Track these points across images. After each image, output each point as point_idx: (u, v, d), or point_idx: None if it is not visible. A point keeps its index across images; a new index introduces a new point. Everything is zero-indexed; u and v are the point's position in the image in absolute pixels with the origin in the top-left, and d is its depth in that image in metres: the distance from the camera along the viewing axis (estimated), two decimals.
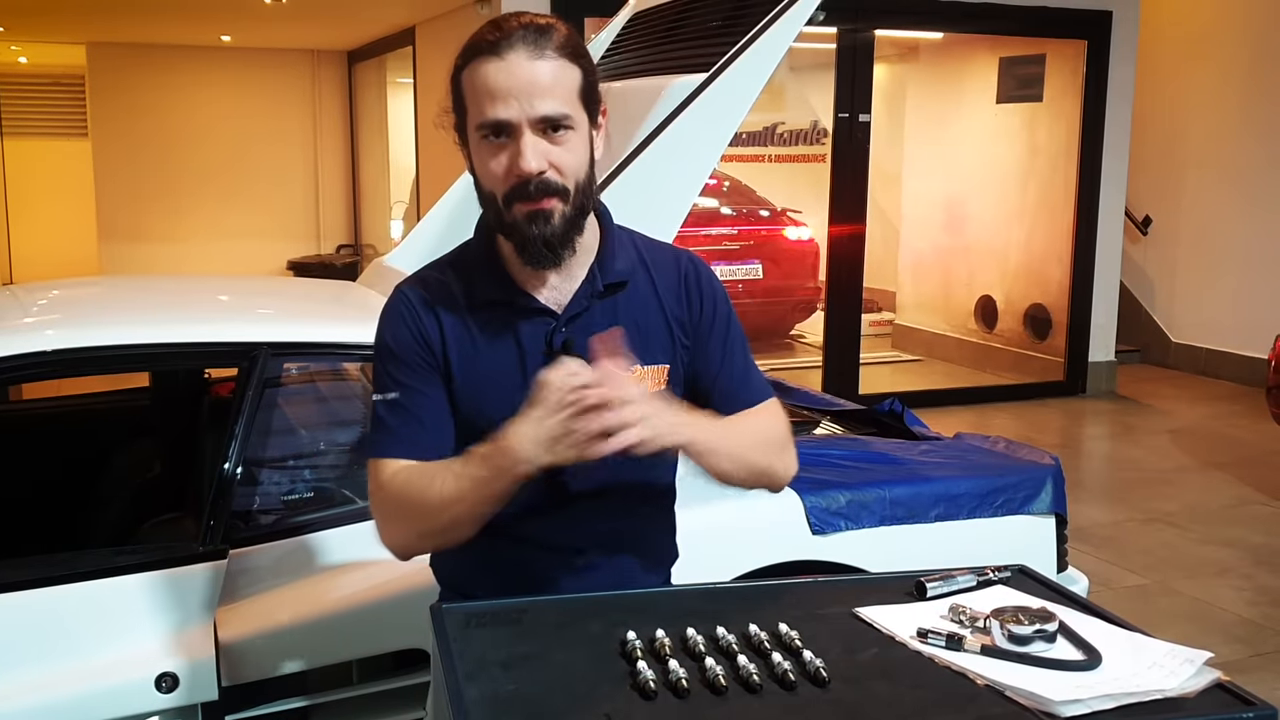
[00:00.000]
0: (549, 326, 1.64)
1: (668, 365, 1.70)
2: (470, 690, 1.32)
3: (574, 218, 1.58)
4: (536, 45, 1.53)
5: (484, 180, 1.59)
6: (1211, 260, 8.59)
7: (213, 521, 2.31)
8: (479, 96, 1.54)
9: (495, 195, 1.57)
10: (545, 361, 1.60)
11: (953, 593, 1.58)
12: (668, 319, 1.71)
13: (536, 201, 1.54)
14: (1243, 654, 3.90)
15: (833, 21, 6.99)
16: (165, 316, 2.78)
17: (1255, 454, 6.42)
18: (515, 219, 1.56)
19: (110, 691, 2.15)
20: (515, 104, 1.51)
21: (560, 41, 1.55)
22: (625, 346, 1.55)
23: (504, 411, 1.59)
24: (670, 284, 1.72)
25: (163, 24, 9.74)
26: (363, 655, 2.37)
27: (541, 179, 1.53)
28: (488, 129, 1.54)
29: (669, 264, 1.74)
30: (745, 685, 1.33)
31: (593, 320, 1.64)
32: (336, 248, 11.72)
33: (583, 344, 1.61)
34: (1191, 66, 8.69)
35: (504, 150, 1.54)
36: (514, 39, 1.53)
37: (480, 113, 1.54)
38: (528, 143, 1.52)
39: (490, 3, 6.95)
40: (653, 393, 1.59)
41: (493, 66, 1.52)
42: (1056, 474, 2.94)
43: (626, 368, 1.53)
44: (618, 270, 1.67)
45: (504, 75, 1.52)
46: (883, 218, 9.25)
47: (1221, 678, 1.34)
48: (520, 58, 1.52)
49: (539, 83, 1.52)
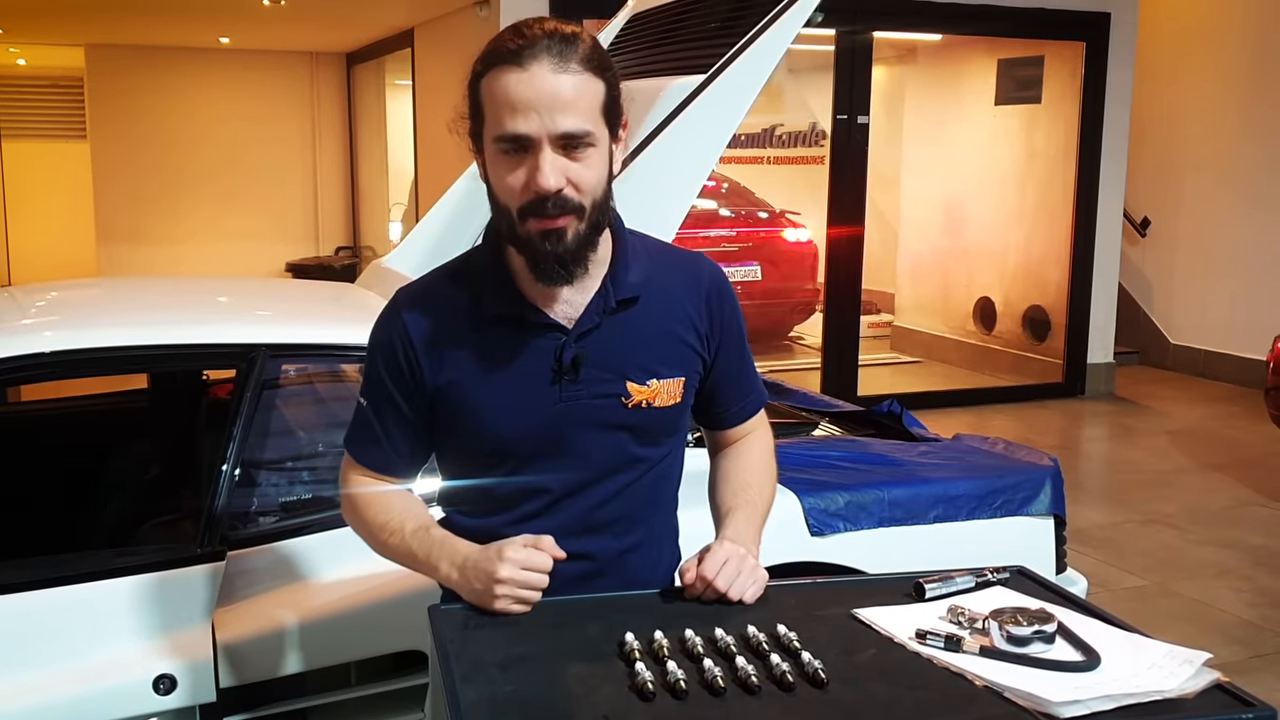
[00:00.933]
0: (559, 342, 1.60)
1: (683, 378, 1.67)
2: (468, 692, 1.32)
3: (588, 235, 1.54)
4: (561, 57, 1.47)
5: (499, 192, 1.55)
6: (1210, 262, 8.60)
7: (211, 523, 2.30)
8: (499, 107, 1.49)
9: (510, 208, 1.53)
10: (554, 377, 1.60)
11: (951, 594, 1.58)
12: (685, 330, 1.68)
13: (552, 219, 1.50)
14: (1242, 655, 3.90)
15: (831, 23, 6.99)
16: (163, 318, 2.78)
17: (1254, 455, 6.42)
18: (529, 234, 1.52)
19: (108, 693, 2.15)
20: (536, 119, 1.46)
21: (585, 54, 1.50)
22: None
23: (511, 427, 1.61)
24: (693, 295, 1.69)
25: (161, 26, 9.73)
26: (361, 657, 2.37)
27: (559, 197, 1.49)
28: (506, 142, 1.49)
29: (690, 274, 1.71)
30: (744, 686, 1.33)
31: (604, 335, 1.62)
32: (335, 249, 11.72)
33: (593, 359, 1.60)
34: (1190, 68, 8.69)
35: (522, 165, 1.50)
36: (538, 48, 1.47)
37: (499, 124, 1.49)
38: (547, 159, 1.47)
39: (489, 5, 6.95)
40: (726, 551, 1.61)
41: (514, 77, 1.47)
42: (1055, 475, 2.94)
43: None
44: (631, 284, 1.63)
45: (526, 87, 1.46)
46: (881, 220, 9.25)
47: (1220, 678, 1.34)
48: (544, 70, 1.46)
49: (562, 97, 1.47)
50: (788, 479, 2.74)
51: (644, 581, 1.71)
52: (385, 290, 3.14)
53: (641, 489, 1.69)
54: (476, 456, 1.67)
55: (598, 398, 1.61)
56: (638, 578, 1.71)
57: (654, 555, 1.76)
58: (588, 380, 1.61)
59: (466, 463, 1.69)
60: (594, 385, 1.61)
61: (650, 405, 1.64)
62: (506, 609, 1.50)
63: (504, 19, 6.69)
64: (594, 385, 1.61)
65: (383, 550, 1.69)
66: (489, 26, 6.88)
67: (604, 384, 1.61)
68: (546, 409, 1.60)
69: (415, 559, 1.63)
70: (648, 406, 1.64)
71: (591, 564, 1.67)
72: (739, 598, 1.55)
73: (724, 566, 1.56)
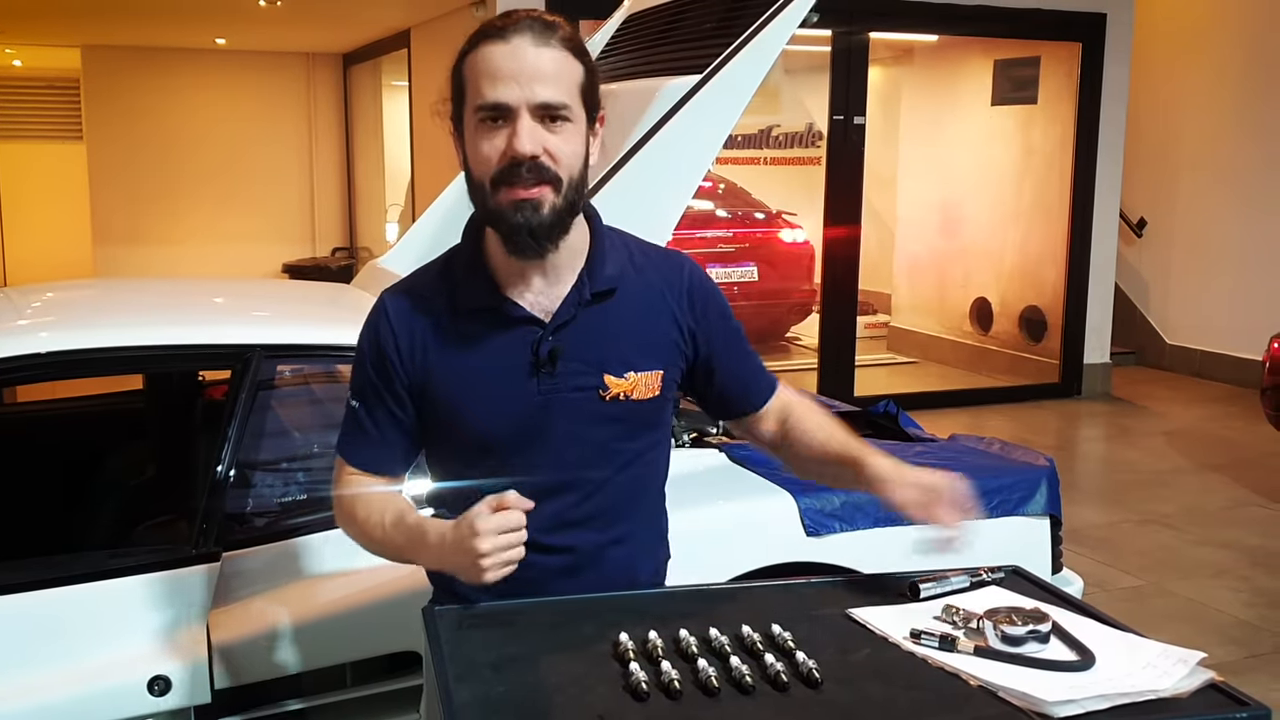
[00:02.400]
0: (536, 335, 1.62)
1: (662, 371, 1.68)
2: (462, 692, 1.32)
3: (563, 211, 1.56)
4: (543, 35, 1.53)
5: (475, 165, 1.57)
6: (1206, 262, 8.60)
7: (206, 524, 2.30)
8: (479, 79, 1.53)
9: (484, 180, 1.55)
10: (532, 370, 1.60)
11: (946, 594, 1.58)
12: (666, 325, 1.69)
13: (527, 188, 1.52)
14: (1238, 655, 3.90)
15: (827, 24, 6.98)
16: (159, 318, 2.77)
17: (1250, 455, 6.43)
18: (501, 205, 1.54)
19: (103, 695, 2.14)
20: (516, 87, 1.51)
21: (566, 35, 1.56)
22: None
23: (491, 421, 1.62)
24: (674, 290, 1.70)
25: (157, 27, 9.73)
26: (356, 658, 2.37)
27: (535, 162, 1.52)
28: (486, 110, 1.52)
29: (669, 269, 1.72)
30: (738, 686, 1.32)
31: (580, 328, 1.63)
32: (331, 250, 11.72)
33: (570, 352, 1.61)
34: (1186, 69, 8.70)
35: (499, 133, 1.52)
36: (521, 26, 1.53)
37: (479, 94, 1.53)
38: (524, 125, 1.51)
39: (485, 5, 6.95)
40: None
41: (498, 50, 1.52)
42: (1051, 475, 2.94)
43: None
44: (607, 276, 1.65)
45: (508, 58, 1.51)
46: (878, 220, 9.26)
47: (1215, 678, 1.34)
48: (525, 43, 1.52)
49: (542, 69, 1.51)
50: (783, 479, 2.75)
51: (626, 578, 1.71)
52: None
53: (622, 484, 1.69)
54: (459, 452, 1.67)
55: (576, 390, 1.62)
56: (619, 574, 1.70)
57: (636, 551, 1.76)
58: (565, 373, 1.62)
59: (450, 459, 1.70)
60: (572, 378, 1.62)
61: (628, 398, 1.65)
62: (499, 576, 1.49)
63: None
64: (572, 378, 1.62)
65: (373, 548, 1.69)
66: None
67: (581, 377, 1.62)
68: (526, 402, 1.61)
69: (401, 550, 1.63)
70: (625, 399, 1.64)
71: (572, 557, 1.67)
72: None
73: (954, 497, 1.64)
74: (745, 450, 2.93)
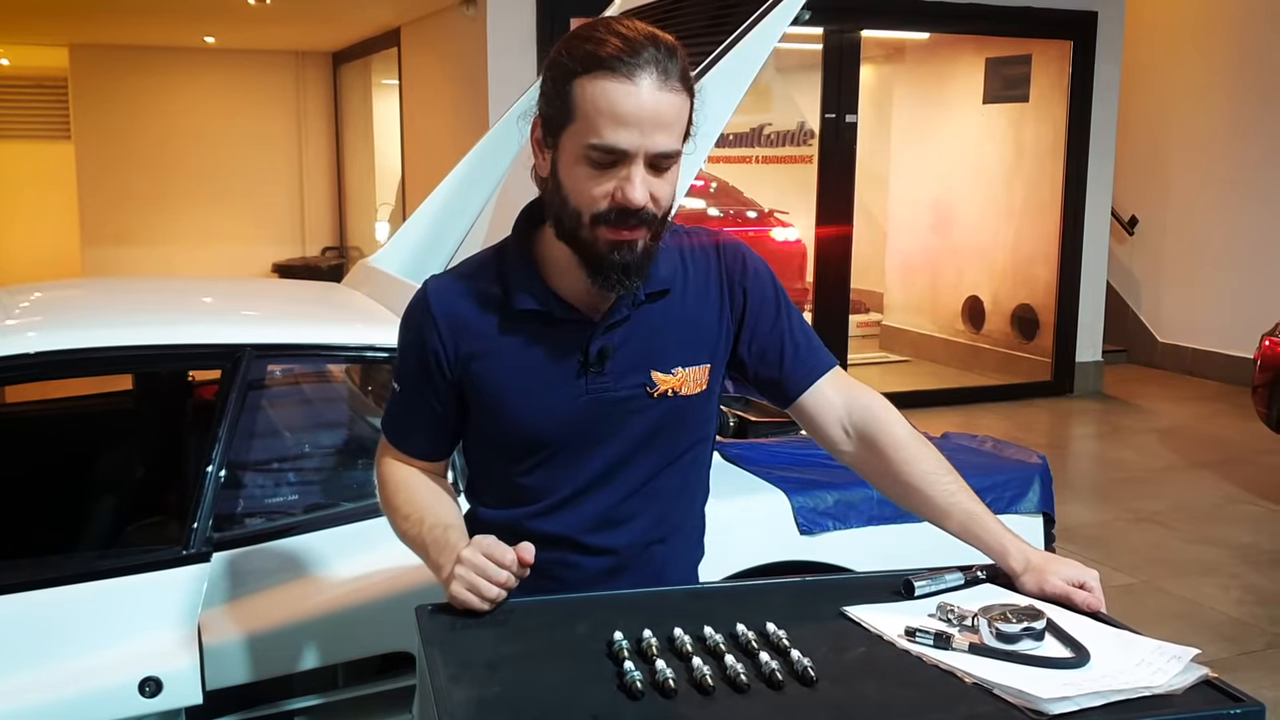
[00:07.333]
0: (586, 334, 1.61)
1: (709, 365, 1.67)
2: (455, 692, 1.31)
3: (653, 246, 1.55)
4: (666, 75, 1.47)
5: (573, 195, 1.52)
6: (1197, 260, 8.63)
7: (196, 525, 2.29)
8: (599, 115, 1.46)
9: (582, 212, 1.52)
10: (580, 369, 1.60)
11: (940, 591, 1.58)
12: (709, 315, 1.68)
13: (630, 230, 1.50)
14: (1230, 652, 3.91)
15: (819, 22, 7.00)
16: (148, 318, 2.76)
17: (1242, 453, 6.44)
18: (597, 240, 1.51)
19: (93, 696, 2.13)
20: (637, 135, 1.46)
21: (683, 71, 1.50)
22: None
23: (538, 419, 1.62)
24: (714, 278, 1.69)
25: (146, 25, 9.69)
26: (348, 659, 2.36)
27: (642, 211, 1.50)
28: (600, 152, 1.48)
29: (710, 257, 1.71)
30: (733, 685, 1.32)
31: (631, 327, 1.62)
32: (322, 250, 11.69)
33: (619, 351, 1.60)
34: (1177, 66, 8.72)
35: (609, 175, 1.48)
36: (644, 60, 1.46)
37: (596, 132, 1.47)
38: (638, 175, 1.48)
39: (475, 4, 6.94)
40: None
41: (621, 90, 1.45)
42: (1044, 473, 2.95)
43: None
44: (661, 278, 1.63)
45: (632, 103, 1.45)
46: (870, 219, 9.26)
47: (1209, 674, 1.34)
48: (650, 87, 1.46)
49: (663, 118, 1.47)
50: (776, 478, 2.74)
51: (670, 576, 1.70)
52: (372, 290, 3.14)
53: (668, 481, 1.68)
54: (502, 448, 1.67)
55: (624, 389, 1.61)
56: (664, 572, 1.69)
57: (680, 549, 1.75)
58: (614, 372, 1.61)
59: (492, 454, 1.69)
60: (620, 377, 1.61)
61: (676, 394, 1.64)
62: (459, 594, 1.48)
63: (490, 18, 6.68)
64: (620, 377, 1.61)
65: (399, 534, 1.69)
66: (476, 26, 6.87)
67: (630, 374, 1.62)
68: (573, 402, 1.61)
69: (426, 553, 1.61)
70: (674, 395, 1.63)
71: (616, 559, 1.67)
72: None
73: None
74: (738, 448, 2.92)
